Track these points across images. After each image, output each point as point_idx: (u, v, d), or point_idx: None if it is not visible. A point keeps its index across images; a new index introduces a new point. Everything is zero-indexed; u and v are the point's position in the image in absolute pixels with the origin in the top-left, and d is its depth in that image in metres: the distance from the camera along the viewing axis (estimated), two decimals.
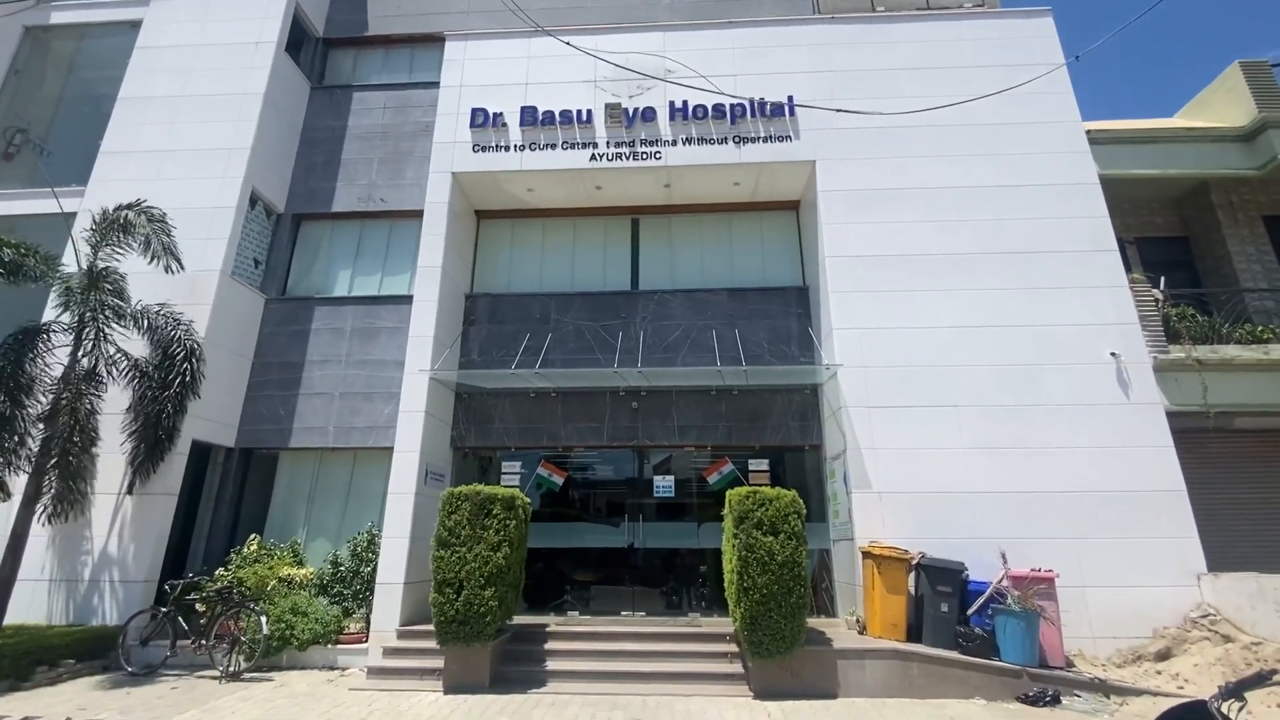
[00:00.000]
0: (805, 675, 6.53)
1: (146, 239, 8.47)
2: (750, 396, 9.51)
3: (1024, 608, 6.60)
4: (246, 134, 10.26)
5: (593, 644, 7.45)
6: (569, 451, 9.89)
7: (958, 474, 7.82)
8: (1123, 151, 9.76)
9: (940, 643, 6.83)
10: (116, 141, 10.41)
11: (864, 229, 8.98)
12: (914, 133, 9.29)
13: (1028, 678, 6.39)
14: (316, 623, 7.88)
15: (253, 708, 6.20)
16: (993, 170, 9.07)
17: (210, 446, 9.45)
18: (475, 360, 9.86)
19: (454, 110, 10.21)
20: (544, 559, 9.50)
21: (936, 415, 8.07)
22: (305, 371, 10.00)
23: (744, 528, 6.55)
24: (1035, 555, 7.22)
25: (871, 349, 8.41)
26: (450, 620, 6.64)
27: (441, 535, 6.89)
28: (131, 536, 8.41)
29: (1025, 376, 8.14)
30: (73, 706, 6.22)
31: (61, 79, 12.24)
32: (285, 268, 10.80)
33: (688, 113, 9.80)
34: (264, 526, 9.43)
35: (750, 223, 10.69)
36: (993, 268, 8.65)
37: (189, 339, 8.70)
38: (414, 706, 6.23)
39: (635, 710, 6.05)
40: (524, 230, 10.96)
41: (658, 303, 10.07)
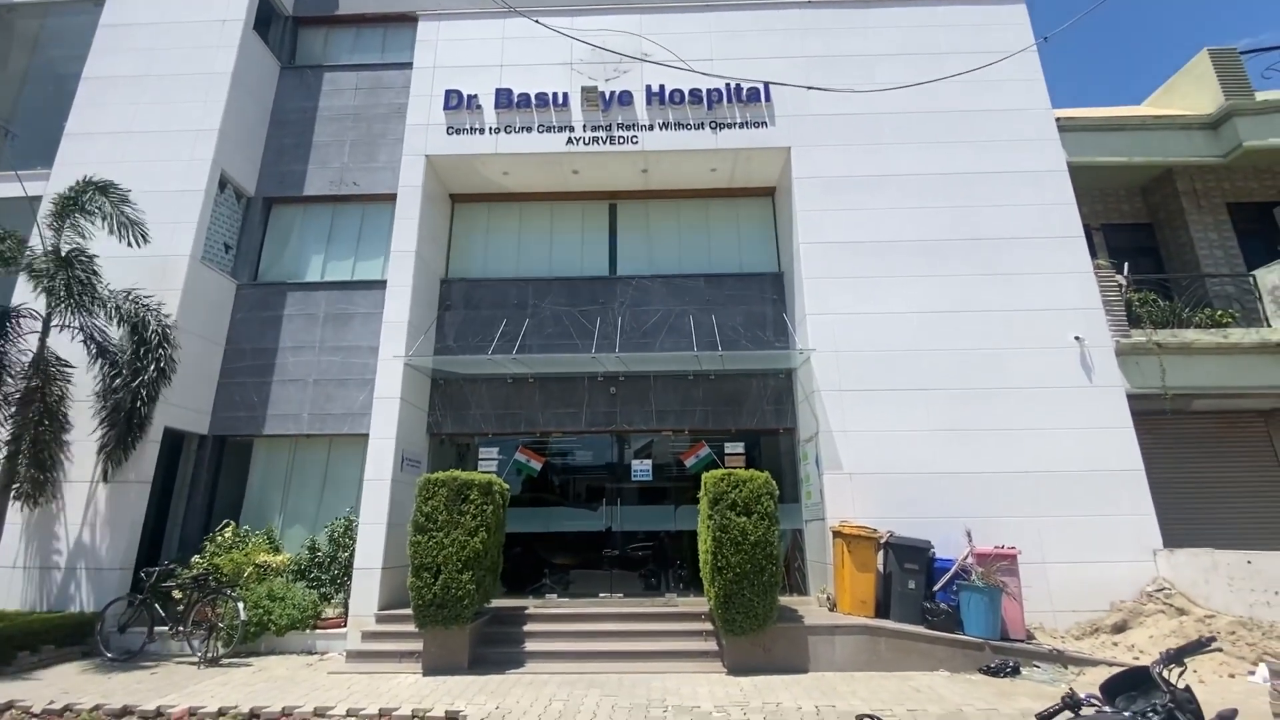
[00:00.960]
0: (777, 651, 6.72)
1: (107, 216, 8.29)
2: (726, 381, 9.62)
3: (987, 584, 6.84)
4: (214, 115, 10.04)
5: (571, 625, 7.58)
6: (547, 437, 9.96)
7: (926, 455, 8.02)
8: (1091, 139, 9.95)
9: (907, 618, 7.05)
10: (81, 123, 10.12)
11: (838, 215, 9.08)
12: (888, 120, 9.37)
13: (990, 650, 6.64)
14: (294, 608, 7.91)
15: (232, 692, 6.24)
16: (965, 157, 9.19)
17: (183, 434, 9.36)
18: (451, 346, 9.84)
19: (427, 92, 10.08)
20: (523, 544, 9.60)
21: (906, 398, 8.25)
22: (278, 358, 9.91)
23: (718, 509, 6.67)
24: (999, 533, 7.45)
25: (844, 334, 8.55)
26: (428, 604, 6.71)
27: (418, 520, 6.94)
28: (106, 524, 8.34)
29: (992, 360, 8.34)
30: (56, 690, 6.22)
31: (26, 59, 11.85)
32: (256, 252, 10.64)
33: (664, 97, 9.78)
34: (239, 513, 9.39)
35: (727, 209, 10.74)
36: (963, 254, 8.80)
37: (160, 324, 8.57)
38: (393, 688, 6.32)
39: (612, 688, 6.19)
40: (500, 214, 10.90)
41: (636, 288, 10.10)
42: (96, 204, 8.32)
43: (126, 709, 5.75)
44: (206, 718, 5.63)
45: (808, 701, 5.67)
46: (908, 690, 6.02)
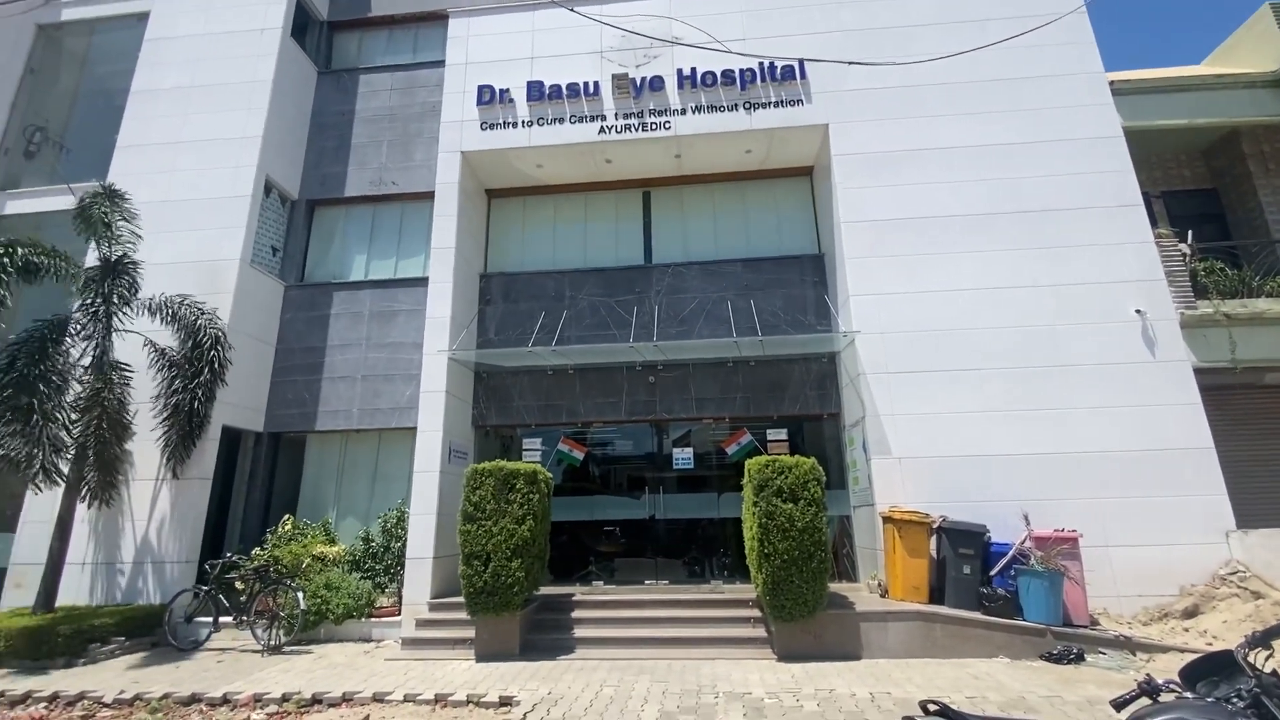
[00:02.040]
0: (828, 637, 6.62)
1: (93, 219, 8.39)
2: (767, 367, 9.49)
3: (1047, 568, 6.60)
4: (257, 122, 10.32)
5: (618, 612, 7.62)
6: (588, 427, 10.00)
7: (978, 437, 7.78)
8: (1148, 102, 9.43)
9: (963, 604, 6.87)
10: (131, 135, 10.53)
11: (880, 192, 8.83)
12: (929, 92, 9.06)
13: (1051, 636, 6.42)
14: (350, 597, 8.14)
15: (295, 678, 6.46)
16: (1011, 127, 8.82)
17: (240, 431, 9.70)
18: (492, 339, 9.95)
19: (460, 89, 10.15)
20: (568, 532, 9.68)
21: (956, 379, 8.00)
22: (327, 356, 10.19)
23: (764, 495, 6.60)
24: (1058, 516, 7.18)
25: (889, 314, 8.33)
26: (479, 591, 6.82)
27: (467, 510, 7.05)
28: (171, 520, 8.73)
29: (1046, 337, 8.02)
30: (126, 680, 6.54)
31: (76, 75, 12.37)
32: (302, 254, 10.94)
33: (696, 80, 9.64)
34: (296, 507, 9.72)
35: (763, 191, 10.56)
36: (1012, 228, 8.47)
37: (213, 328, 8.89)
38: (448, 674, 6.45)
39: (661, 674, 6.20)
40: (535, 208, 10.95)
41: (672, 275, 10.04)
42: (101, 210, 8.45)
43: (194, 696, 6.00)
44: (271, 704, 5.83)
45: (861, 688, 5.57)
46: (966, 677, 5.86)
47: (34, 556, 8.18)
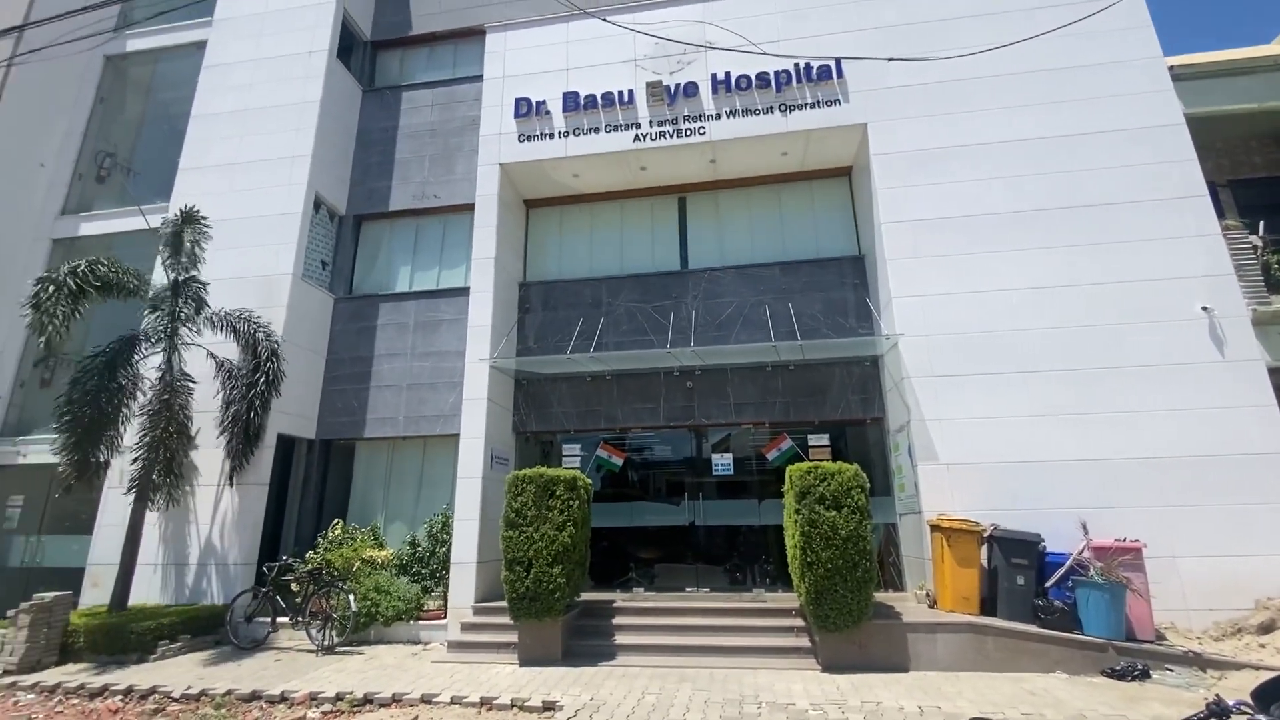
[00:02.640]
0: (874, 648, 6.47)
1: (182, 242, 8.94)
2: (807, 371, 9.36)
3: (1108, 579, 6.30)
4: (306, 141, 10.75)
5: (659, 619, 7.61)
6: (626, 433, 10.03)
7: (1031, 443, 7.48)
8: (1212, 86, 8.94)
9: (1017, 616, 6.61)
10: (192, 158, 11.11)
11: (922, 191, 8.60)
12: (973, 85, 8.78)
13: (1113, 651, 6.12)
14: (399, 600, 8.37)
15: (347, 678, 6.69)
16: (1062, 119, 8.48)
17: (294, 439, 10.10)
18: (532, 347, 10.10)
19: (498, 102, 10.35)
20: (608, 538, 9.72)
21: (1007, 383, 7.72)
22: (374, 365, 10.52)
23: (806, 503, 6.50)
24: (1119, 525, 6.85)
25: (934, 317, 8.10)
26: (521, 597, 6.93)
27: (509, 516, 7.17)
28: (231, 524, 9.14)
29: (1104, 338, 7.66)
30: (192, 676, 6.89)
31: (141, 103, 13.15)
32: (350, 267, 11.33)
33: (730, 84, 9.59)
34: (346, 511, 10.06)
35: (800, 193, 10.43)
36: (1065, 224, 8.13)
37: (270, 340, 9.29)
38: (492, 677, 6.57)
39: (703, 682, 6.17)
40: (572, 216, 11.07)
41: (708, 280, 10.00)
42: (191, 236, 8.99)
43: (255, 694, 6.28)
44: (326, 702, 6.06)
45: (910, 701, 5.43)
46: (1021, 693, 5.65)
47: (108, 558, 8.69)
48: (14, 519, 10.59)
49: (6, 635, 7.37)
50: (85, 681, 6.72)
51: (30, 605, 7.42)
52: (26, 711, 6.08)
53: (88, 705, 6.27)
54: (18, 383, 11.29)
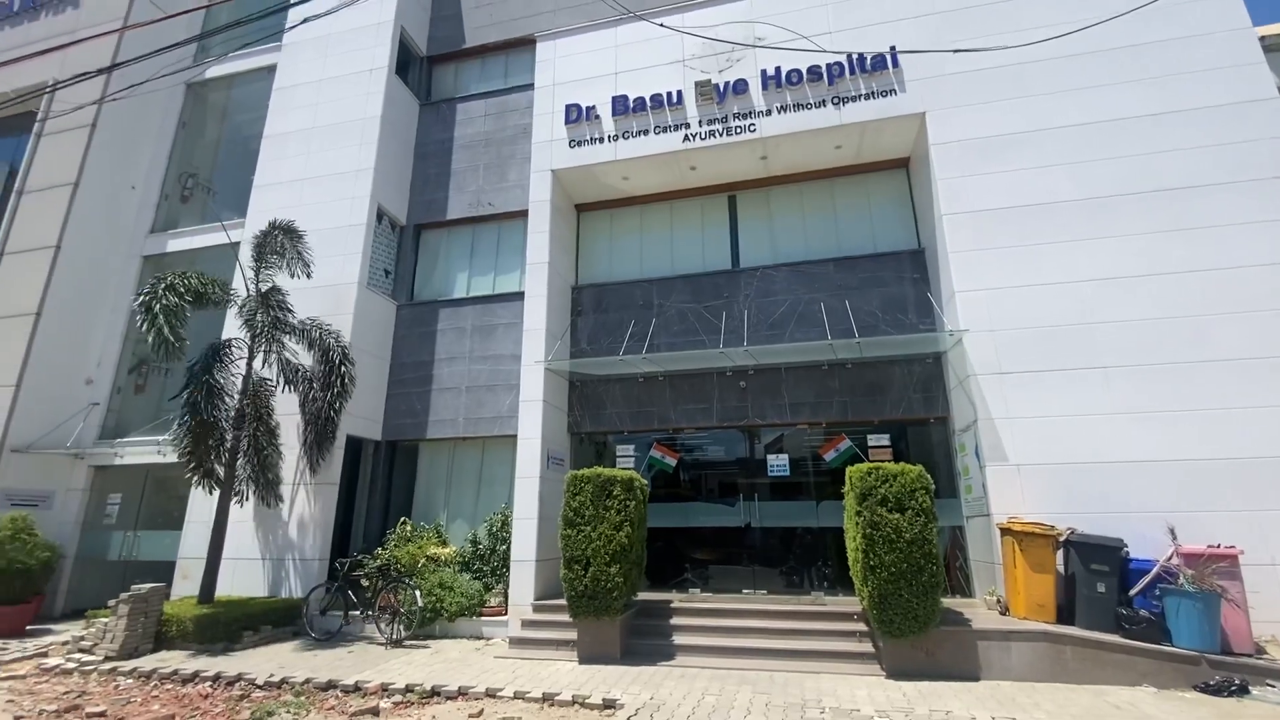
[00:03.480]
0: (941, 656, 6.26)
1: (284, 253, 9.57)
2: (866, 369, 9.14)
3: (1200, 588, 5.90)
4: (369, 155, 11.22)
5: (716, 620, 7.58)
6: (679, 433, 10.03)
7: (1109, 443, 7.08)
8: None
9: (1097, 625, 6.27)
10: (265, 175, 11.77)
11: (985, 181, 8.28)
12: (1039, 69, 8.39)
13: (1207, 665, 5.73)
14: (462, 596, 8.63)
15: (415, 670, 6.94)
16: (1138, 99, 8.00)
17: (361, 440, 10.55)
18: (585, 349, 10.23)
19: (549, 109, 10.55)
20: (663, 538, 9.73)
21: (1082, 379, 7.33)
22: (435, 369, 10.88)
23: (867, 505, 6.35)
24: (1209, 530, 6.41)
25: (1001, 311, 7.77)
26: (580, 595, 7.03)
27: (567, 515, 7.29)
28: (306, 521, 9.63)
29: (1189, 330, 7.18)
30: (273, 665, 7.28)
31: (219, 126, 14.01)
32: (411, 274, 11.76)
33: (781, 80, 9.48)
34: (410, 510, 10.43)
35: (855, 187, 10.19)
36: (1143, 210, 7.67)
37: (340, 346, 9.74)
38: (553, 674, 6.69)
39: (764, 685, 6.11)
40: (622, 219, 11.16)
41: (760, 279, 9.90)
42: (278, 244, 9.60)
43: (331, 683, 6.58)
44: (396, 693, 6.30)
45: (982, 712, 5.22)
46: (1104, 706, 5.35)
47: (197, 552, 9.30)
48: (113, 515, 11.45)
49: (108, 624, 7.97)
50: (178, 668, 7.20)
51: (129, 595, 7.99)
52: (126, 695, 6.57)
53: (180, 690, 6.72)
54: (115, 389, 12.20)
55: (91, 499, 11.60)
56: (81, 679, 7.18)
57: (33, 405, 11.07)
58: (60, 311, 11.65)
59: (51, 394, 11.38)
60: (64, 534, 11.05)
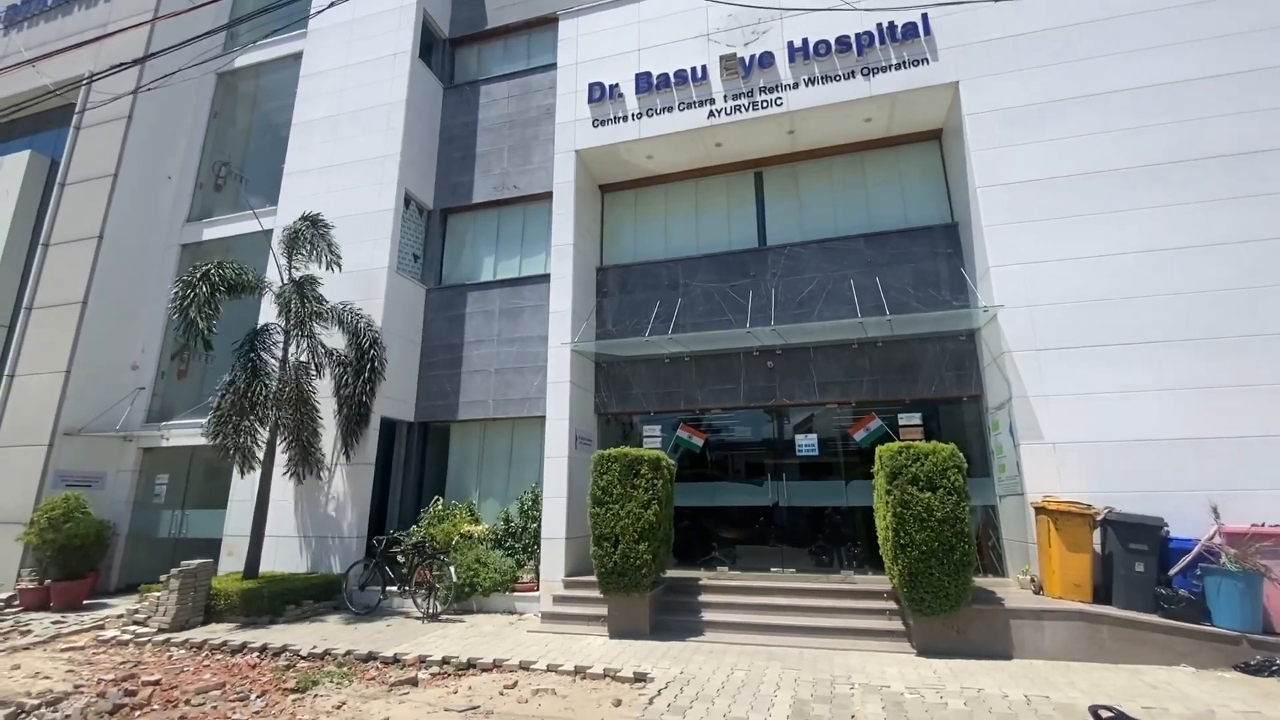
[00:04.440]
0: (973, 634, 6.23)
1: (313, 244, 9.76)
2: (897, 347, 9.00)
3: (1242, 567, 5.75)
4: (395, 140, 11.30)
5: (744, 598, 7.64)
6: (706, 413, 10.04)
7: (1150, 420, 6.88)
8: None
9: (1135, 605, 6.16)
10: (295, 162, 11.94)
11: (1022, 151, 8.01)
12: (1077, 32, 8.06)
13: (1248, 644, 5.61)
14: (496, 572, 8.85)
15: (451, 644, 7.16)
16: (1188, 61, 7.62)
17: (395, 422, 10.79)
18: (610, 330, 10.26)
19: (572, 89, 10.47)
20: (690, 517, 9.81)
21: (1121, 354, 7.12)
22: (465, 351, 11.04)
23: (897, 484, 6.30)
24: (1256, 509, 6.22)
25: (1037, 285, 7.56)
26: (610, 571, 7.15)
27: (596, 494, 7.39)
28: (345, 500, 9.92)
29: (1240, 303, 6.90)
30: (316, 638, 7.57)
31: (249, 114, 14.23)
32: (439, 259, 11.89)
33: (808, 51, 9.25)
34: (444, 489, 10.67)
35: (886, 160, 9.95)
36: (1192, 177, 7.35)
37: (371, 330, 9.94)
38: (585, 648, 6.83)
39: (793, 661, 6.16)
40: (647, 199, 11.09)
41: (788, 257, 9.77)
42: (308, 235, 9.80)
43: (371, 654, 6.83)
44: (434, 665, 6.51)
45: (1015, 690, 5.20)
46: (1140, 685, 5.28)
47: (241, 529, 9.66)
48: (161, 495, 11.94)
49: (160, 598, 8.36)
50: (227, 639, 7.53)
51: (179, 571, 8.36)
52: (179, 664, 6.91)
53: (230, 660, 7.04)
54: (159, 374, 12.65)
55: (141, 479, 12.11)
56: (137, 650, 7.57)
57: (82, 390, 11.54)
58: (105, 300, 12.07)
59: (99, 379, 11.84)
60: (116, 513, 11.57)
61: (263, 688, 5.97)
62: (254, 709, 5.43)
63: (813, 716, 4.76)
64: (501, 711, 5.19)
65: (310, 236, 9.80)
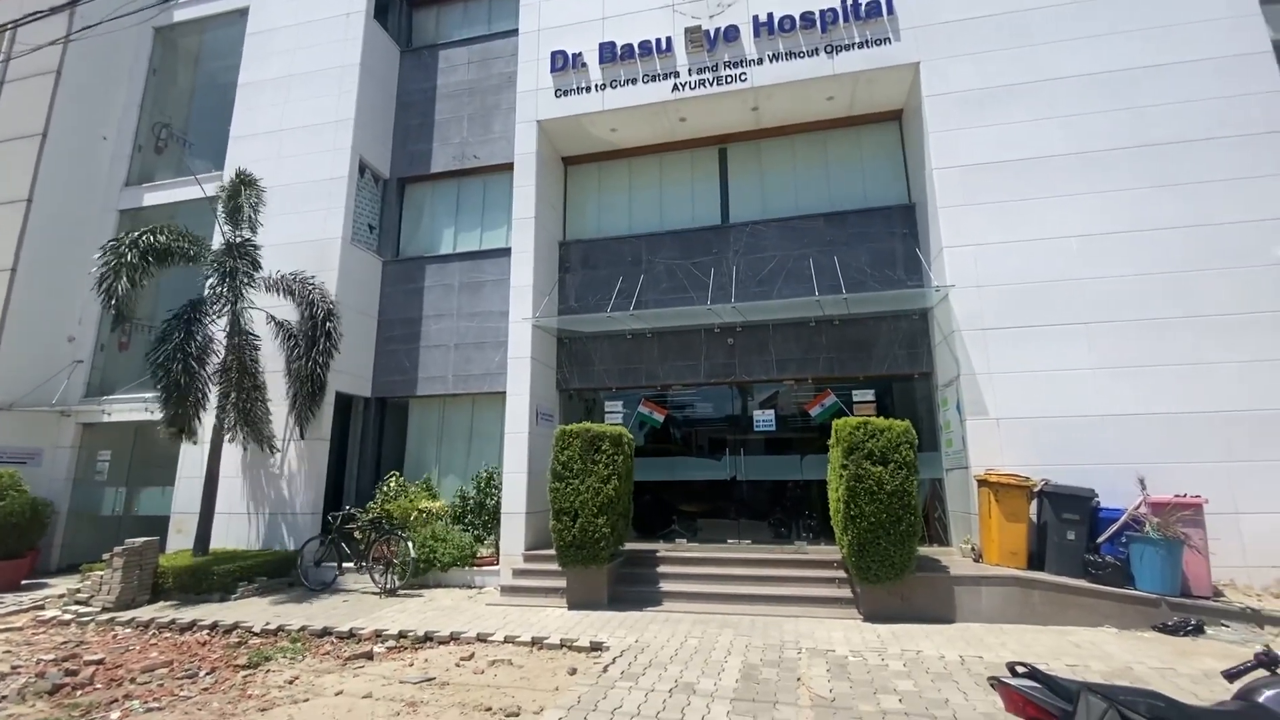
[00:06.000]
0: (917, 600, 6.53)
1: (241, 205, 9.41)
2: (852, 325, 9.19)
3: (1165, 535, 6.14)
4: (349, 104, 10.89)
5: (701, 569, 7.82)
6: (668, 389, 10.12)
7: (1087, 397, 7.23)
8: None
9: (1066, 571, 6.54)
10: (242, 125, 11.41)
11: (977, 134, 8.18)
12: (1034, 17, 8.21)
13: (1166, 607, 6.01)
14: (454, 548, 8.83)
15: (408, 618, 7.15)
16: (1133, 51, 7.86)
17: (351, 397, 10.58)
18: (573, 306, 10.19)
19: (534, 56, 10.21)
20: (651, 491, 9.94)
21: (1062, 334, 7.43)
22: (423, 326, 10.84)
23: (853, 458, 6.49)
24: (1179, 481, 6.62)
25: (987, 266, 7.80)
26: (569, 545, 7.22)
27: (556, 469, 7.42)
28: (299, 476, 9.73)
29: (1172, 286, 7.25)
30: (270, 614, 7.47)
31: (192, 73, 13.48)
32: (396, 230, 11.58)
33: (773, 26, 9.20)
34: (402, 465, 10.56)
35: (848, 140, 10.04)
36: (1133, 164, 7.63)
37: (325, 301, 9.66)
38: (542, 620, 6.91)
39: (744, 628, 6.36)
40: (610, 173, 10.97)
41: (750, 234, 9.83)
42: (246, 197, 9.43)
43: (326, 630, 6.78)
44: (390, 639, 6.50)
45: (950, 651, 5.49)
46: (1066, 645, 5.63)
47: (190, 506, 9.40)
48: (104, 472, 11.51)
49: (104, 576, 8.10)
50: (175, 617, 7.37)
51: (123, 549, 8.10)
52: (124, 643, 6.74)
53: (178, 638, 6.90)
54: (98, 347, 12.08)
55: (81, 456, 11.62)
56: (79, 629, 7.35)
57: (14, 363, 10.95)
58: (37, 267, 11.40)
59: (33, 352, 11.25)
60: (55, 490, 11.10)
61: (212, 665, 5.89)
62: (202, 685, 5.35)
63: (761, 679, 4.94)
64: (457, 682, 5.23)
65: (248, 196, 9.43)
